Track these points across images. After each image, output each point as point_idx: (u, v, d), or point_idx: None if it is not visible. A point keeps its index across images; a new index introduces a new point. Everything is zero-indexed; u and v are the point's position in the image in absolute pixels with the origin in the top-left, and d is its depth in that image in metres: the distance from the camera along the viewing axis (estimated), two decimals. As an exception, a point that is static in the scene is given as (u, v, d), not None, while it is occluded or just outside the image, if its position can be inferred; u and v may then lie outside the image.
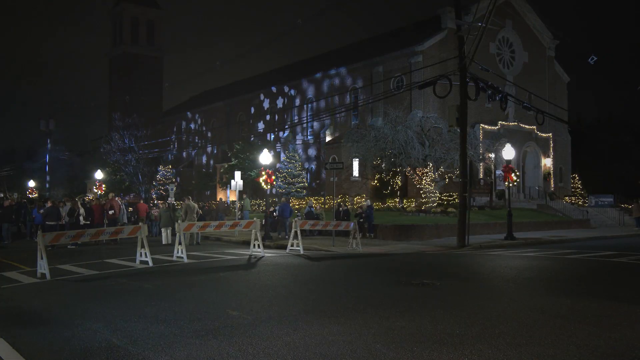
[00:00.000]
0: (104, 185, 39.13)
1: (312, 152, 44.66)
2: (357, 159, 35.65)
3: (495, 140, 34.95)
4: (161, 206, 26.89)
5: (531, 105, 22.40)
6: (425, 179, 30.71)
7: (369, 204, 24.72)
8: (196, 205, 22.20)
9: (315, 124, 44.48)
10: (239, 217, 28.41)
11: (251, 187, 42.32)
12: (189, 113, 61.35)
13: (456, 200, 27.41)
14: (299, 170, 39.94)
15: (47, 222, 20.56)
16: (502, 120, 37.63)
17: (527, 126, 39.03)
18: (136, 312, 8.20)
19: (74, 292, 10.39)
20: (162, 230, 21.66)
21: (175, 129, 63.39)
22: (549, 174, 41.23)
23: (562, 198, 39.28)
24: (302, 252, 17.05)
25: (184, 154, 60.86)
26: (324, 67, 44.94)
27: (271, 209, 26.06)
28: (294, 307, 8.39)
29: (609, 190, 40.72)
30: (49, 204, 22.26)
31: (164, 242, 20.90)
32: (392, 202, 32.92)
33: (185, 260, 14.66)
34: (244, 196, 33.62)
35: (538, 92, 36.27)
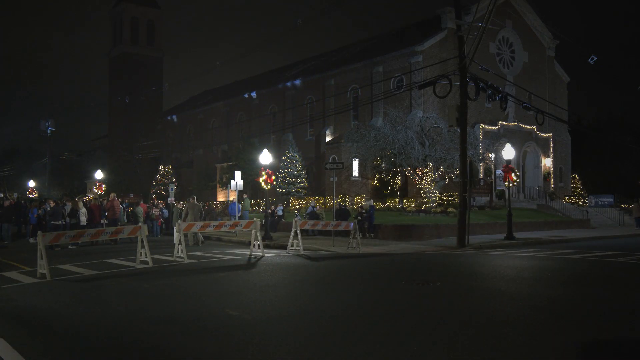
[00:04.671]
0: (104, 185, 39.08)
1: (312, 152, 44.62)
2: (357, 159, 35.61)
3: (495, 140, 34.97)
4: (178, 205, 27.08)
5: (531, 105, 22.38)
6: (425, 179, 30.71)
7: (371, 203, 24.74)
8: (200, 205, 22.27)
9: (315, 124, 44.46)
10: (239, 217, 28.41)
11: (251, 187, 42.27)
12: (189, 113, 61.30)
13: (456, 200, 27.40)
14: (299, 170, 39.92)
15: (52, 222, 20.57)
16: (502, 120, 37.61)
17: (527, 126, 39.02)
18: (136, 312, 8.21)
19: (74, 292, 10.39)
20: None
21: (175, 129, 63.35)
22: (549, 174, 41.22)
23: (562, 198, 39.27)
24: (302, 252, 17.05)
25: (184, 154, 60.79)
26: (324, 67, 44.93)
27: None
28: (293, 307, 8.40)
29: (609, 190, 40.70)
30: (51, 204, 22.26)
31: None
32: (392, 202, 32.91)
33: (185, 260, 14.66)
34: (245, 196, 33.60)
35: (538, 92, 36.26)
